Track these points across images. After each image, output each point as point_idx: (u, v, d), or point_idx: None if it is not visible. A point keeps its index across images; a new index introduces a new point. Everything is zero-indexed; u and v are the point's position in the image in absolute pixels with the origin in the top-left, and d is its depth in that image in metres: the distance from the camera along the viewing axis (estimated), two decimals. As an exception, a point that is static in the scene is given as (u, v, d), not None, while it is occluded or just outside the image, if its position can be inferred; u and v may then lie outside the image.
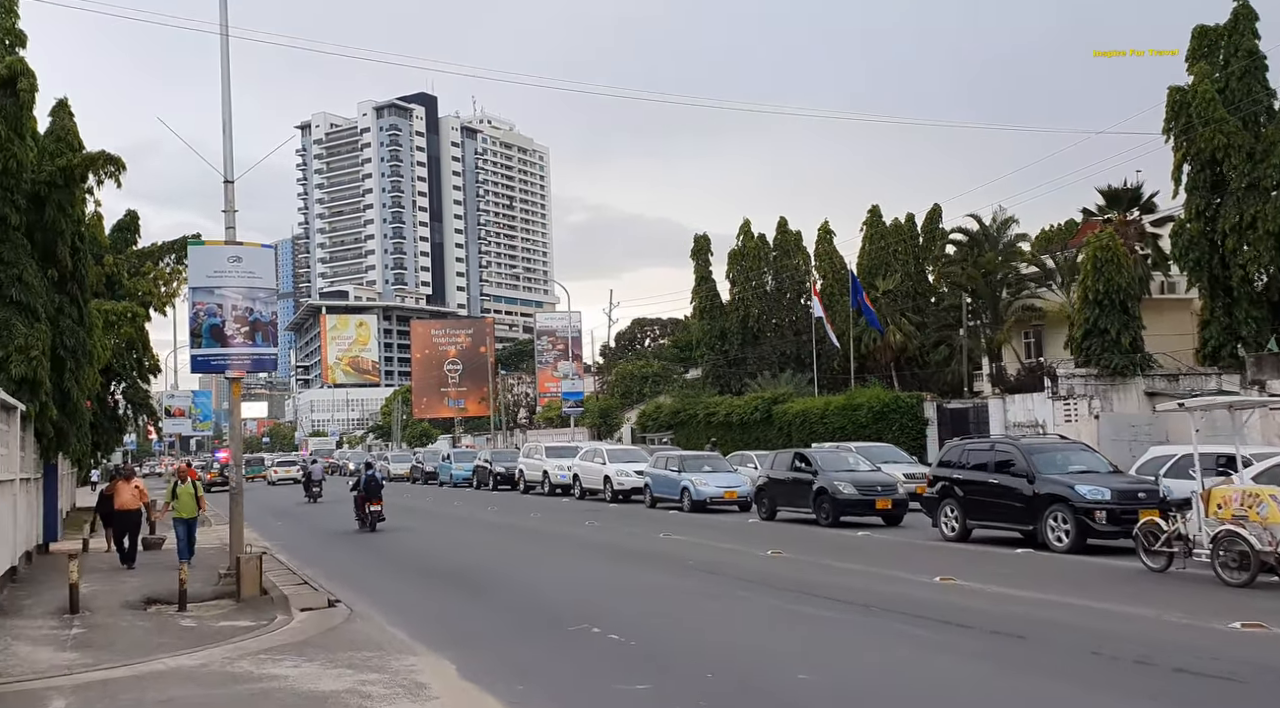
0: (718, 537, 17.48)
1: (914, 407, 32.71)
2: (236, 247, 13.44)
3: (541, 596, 12.14)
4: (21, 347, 14.50)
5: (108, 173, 15.46)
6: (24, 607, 11.84)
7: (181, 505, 15.47)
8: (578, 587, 12.73)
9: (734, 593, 11.54)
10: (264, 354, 13.59)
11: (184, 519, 15.38)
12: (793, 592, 11.37)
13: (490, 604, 11.71)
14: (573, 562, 15.32)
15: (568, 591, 12.43)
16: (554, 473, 31.76)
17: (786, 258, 56.50)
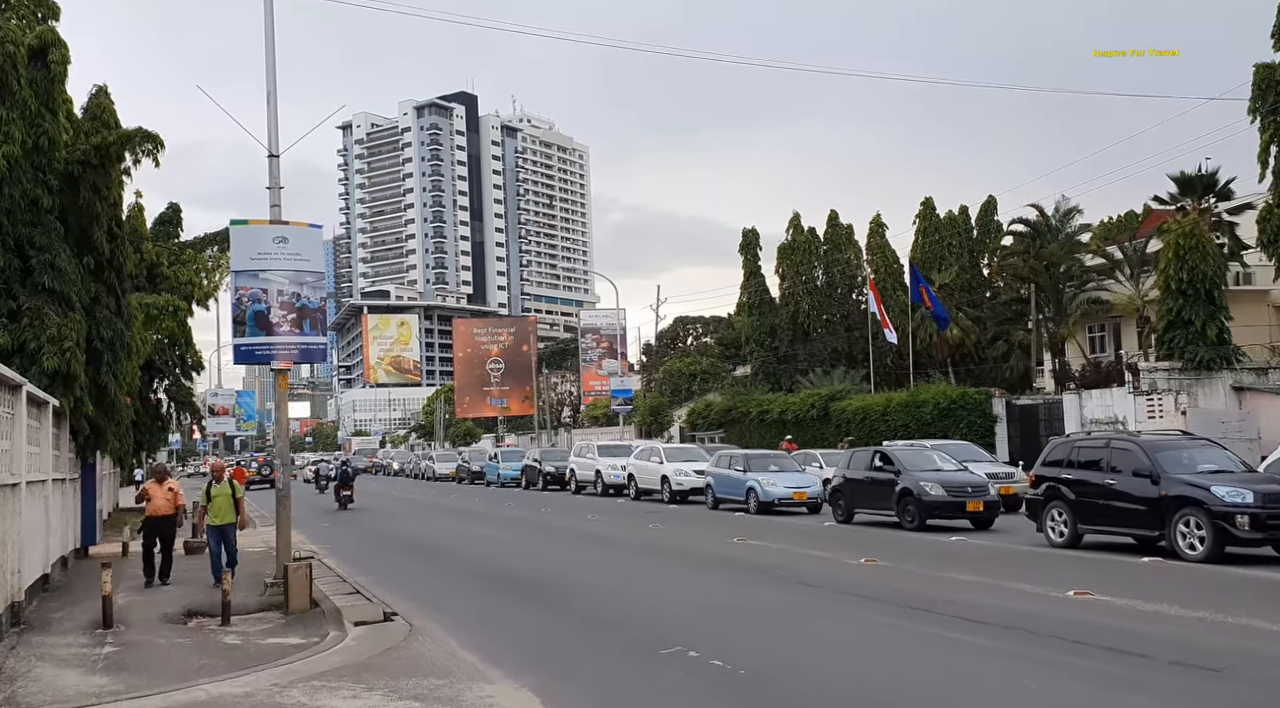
0: (797, 541, 16.11)
1: (982, 403, 31.03)
2: (282, 226, 12.33)
3: (621, 609, 10.86)
4: (54, 337, 13.54)
5: (145, 151, 14.46)
6: (53, 621, 10.79)
7: (215, 510, 13.32)
8: (660, 599, 11.43)
9: (841, 609, 10.18)
10: (312, 344, 12.47)
11: (217, 526, 13.26)
12: (908, 608, 9.98)
13: (567, 620, 10.46)
14: (646, 570, 14.03)
15: (650, 604, 11.14)
16: (607, 473, 30.53)
17: (838, 252, 54.83)
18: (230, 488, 13.36)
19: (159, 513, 13.46)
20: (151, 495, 13.54)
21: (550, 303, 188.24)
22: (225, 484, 13.38)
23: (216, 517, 13.23)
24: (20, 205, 13.67)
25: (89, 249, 15.21)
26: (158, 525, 13.50)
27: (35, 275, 13.86)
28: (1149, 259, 37.95)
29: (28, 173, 13.72)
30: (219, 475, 13.49)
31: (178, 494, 13.73)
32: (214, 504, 13.26)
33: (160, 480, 13.75)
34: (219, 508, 13.24)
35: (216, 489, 13.34)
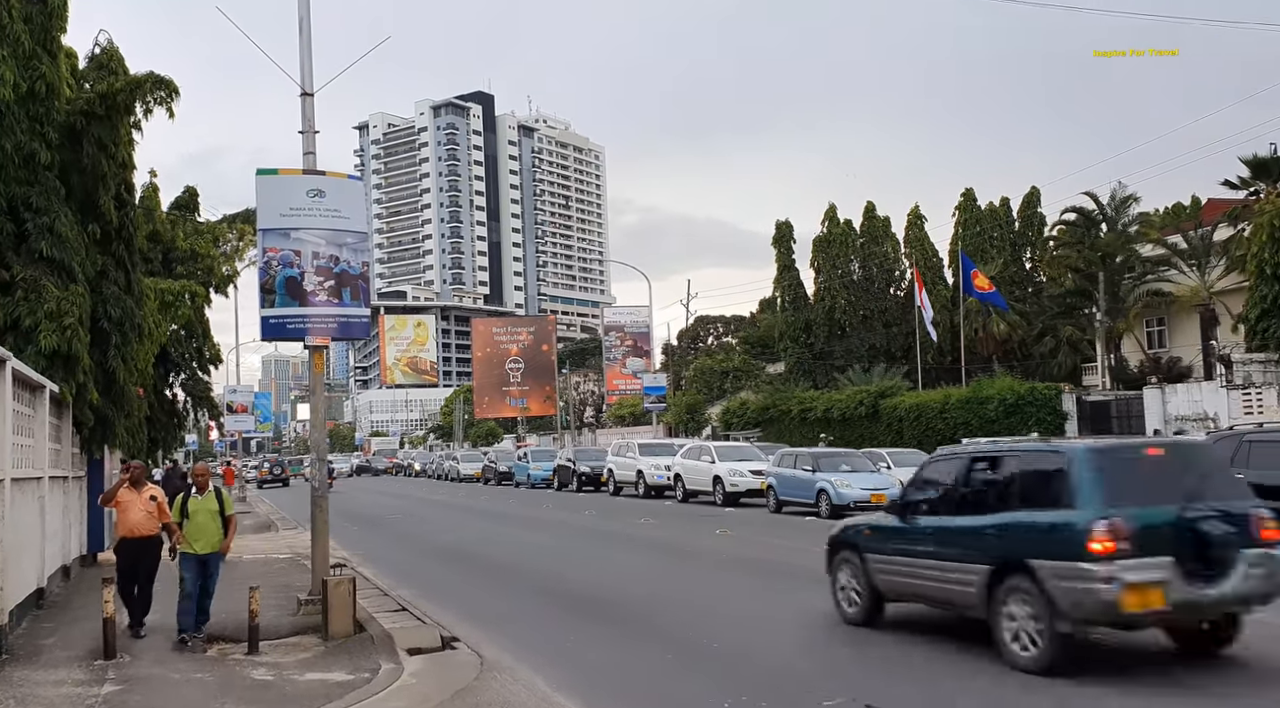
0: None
1: (1052, 399, 28.89)
2: (317, 177, 10.43)
3: (729, 640, 8.90)
4: (53, 313, 11.68)
5: (158, 99, 12.58)
6: (44, 649, 8.88)
7: (194, 531, 9.23)
8: (772, 626, 9.47)
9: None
10: (353, 316, 10.55)
11: (195, 556, 9.20)
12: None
13: (667, 652, 8.50)
14: (735, 586, 12.07)
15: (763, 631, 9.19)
16: (650, 473, 28.54)
17: (875, 245, 52.77)
18: (217, 502, 9.43)
19: (137, 533, 9.46)
20: (125, 507, 9.52)
21: (566, 303, 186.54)
22: (210, 496, 9.41)
23: (196, 541, 9.20)
24: (13, 160, 11.84)
25: (94, 216, 13.35)
26: (136, 552, 9.54)
27: (31, 241, 12.01)
28: (1215, 248, 35.86)
29: (22, 123, 11.88)
30: (201, 484, 9.46)
31: (163, 506, 9.60)
32: (192, 524, 9.23)
33: (137, 485, 9.66)
34: (200, 529, 9.24)
35: (196, 503, 9.31)
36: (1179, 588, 6.70)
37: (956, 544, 7.84)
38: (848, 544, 9.32)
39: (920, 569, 8.22)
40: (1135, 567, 6.66)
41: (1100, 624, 7.15)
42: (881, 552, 8.75)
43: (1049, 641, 6.93)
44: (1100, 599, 6.66)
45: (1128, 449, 7.98)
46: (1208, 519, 6.87)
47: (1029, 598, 7.08)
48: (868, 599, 8.92)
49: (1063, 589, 6.82)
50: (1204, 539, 6.81)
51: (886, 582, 8.71)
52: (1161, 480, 7.24)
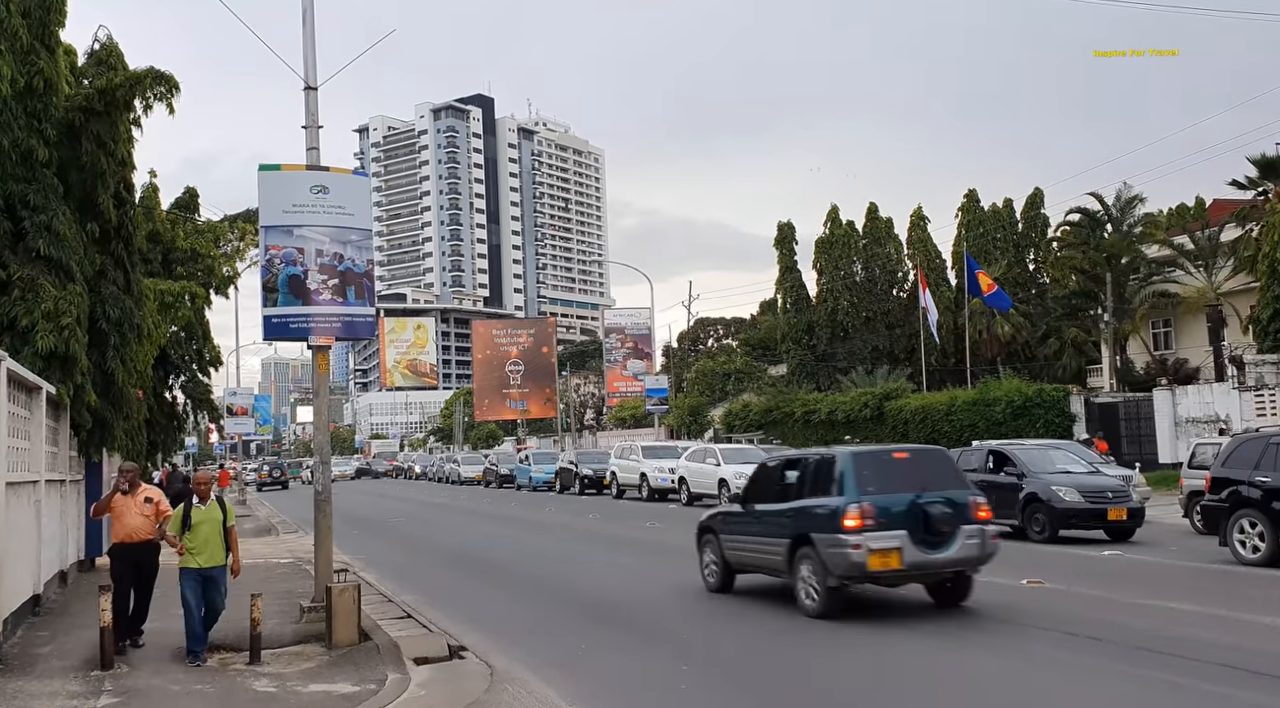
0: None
1: (1060, 401, 28.61)
2: (321, 172, 10.17)
3: (745, 645, 8.65)
4: (50, 313, 11.42)
5: (158, 95, 12.32)
6: (39, 658, 8.60)
7: (197, 544, 8.44)
8: (795, 628, 9.21)
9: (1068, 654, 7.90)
10: (357, 315, 10.29)
11: (199, 570, 8.42)
12: (1137, 648, 7.73)
13: (680, 659, 8.24)
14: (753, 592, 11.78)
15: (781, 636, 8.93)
16: (654, 476, 28.26)
17: (877, 246, 52.50)
18: (220, 512, 8.63)
19: (135, 538, 8.81)
20: (119, 512, 8.84)
21: (566, 306, 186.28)
22: (213, 506, 8.61)
23: (199, 555, 8.41)
24: (10, 157, 11.59)
25: (93, 214, 13.09)
26: (133, 559, 8.86)
27: (28, 240, 11.75)
28: (1222, 248, 35.62)
29: (19, 119, 11.63)
30: (203, 493, 8.62)
31: (160, 507, 8.93)
32: (195, 536, 8.43)
33: (131, 487, 8.93)
34: (203, 541, 8.45)
35: (200, 513, 8.50)
36: (912, 553, 9.14)
37: (773, 524, 10.32)
38: (709, 529, 11.56)
39: (752, 545, 10.69)
40: (878, 537, 9.06)
41: (856, 580, 9.46)
42: (730, 533, 11.13)
43: (823, 593, 9.40)
44: (853, 561, 9.08)
45: (879, 453, 10.34)
46: (935, 504, 9.28)
47: (811, 562, 9.53)
48: (722, 573, 11.31)
49: (830, 554, 9.27)
50: (931, 518, 9.21)
51: (734, 556, 11.08)
52: (903, 476, 9.70)
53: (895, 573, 9.25)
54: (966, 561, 9.42)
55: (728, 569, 11.21)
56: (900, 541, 9.08)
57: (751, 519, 10.72)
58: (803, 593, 9.63)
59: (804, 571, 9.59)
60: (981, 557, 9.52)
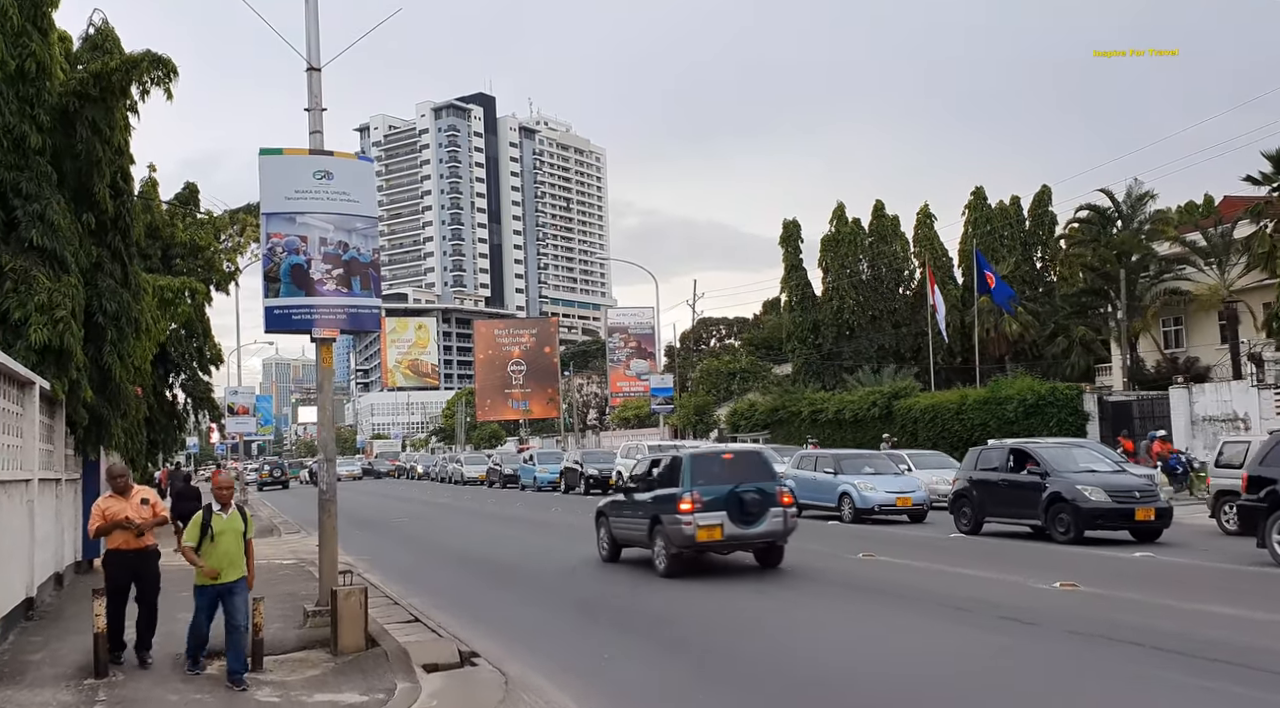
0: (937, 558, 13.35)
1: (1073, 399, 28.16)
2: (325, 157, 9.75)
3: (783, 658, 8.22)
4: (44, 305, 11.01)
5: (155, 80, 11.90)
6: (29, 665, 8.18)
7: (215, 557, 7.55)
8: (829, 646, 8.78)
9: (1114, 664, 7.46)
10: (362, 307, 9.86)
11: (213, 586, 7.59)
12: (1190, 656, 7.30)
13: (705, 671, 7.82)
14: (776, 599, 11.36)
15: (812, 651, 8.51)
16: (661, 476, 27.80)
17: (883, 244, 52.10)
18: (242, 521, 7.78)
19: (132, 545, 8.03)
20: (114, 518, 8.02)
21: (567, 306, 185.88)
22: (235, 516, 7.73)
23: (223, 566, 7.58)
24: (2, 143, 11.18)
25: (89, 204, 12.68)
26: (130, 567, 8.05)
27: (21, 230, 11.34)
28: (1234, 245, 35.18)
29: (10, 104, 11.22)
30: (225, 499, 7.73)
31: (157, 509, 8.22)
32: (217, 548, 7.54)
33: (123, 490, 8.16)
34: (225, 554, 7.57)
35: (221, 522, 7.61)
36: (730, 528, 12.35)
37: (641, 508, 13.40)
38: (603, 513, 14.77)
39: (628, 524, 13.82)
40: (705, 517, 12.26)
41: (691, 549, 12.53)
42: (616, 515, 14.24)
43: (668, 558, 12.65)
44: (686, 534, 12.28)
45: (712, 454, 13.91)
46: (748, 492, 12.47)
47: (662, 536, 12.72)
48: (611, 546, 14.46)
49: (671, 530, 12.46)
50: (745, 503, 12.40)
51: (620, 534, 14.19)
52: (727, 472, 12.87)
53: (719, 543, 12.51)
54: (773, 534, 12.66)
55: (615, 544, 14.38)
56: (721, 519, 12.30)
57: (628, 505, 13.89)
58: (657, 560, 12.92)
59: (658, 543, 12.85)
60: (784, 531, 12.77)
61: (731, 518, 12.21)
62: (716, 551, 12.73)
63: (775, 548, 12.91)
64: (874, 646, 8.33)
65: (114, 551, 8.14)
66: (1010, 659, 7.56)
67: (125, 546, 8.06)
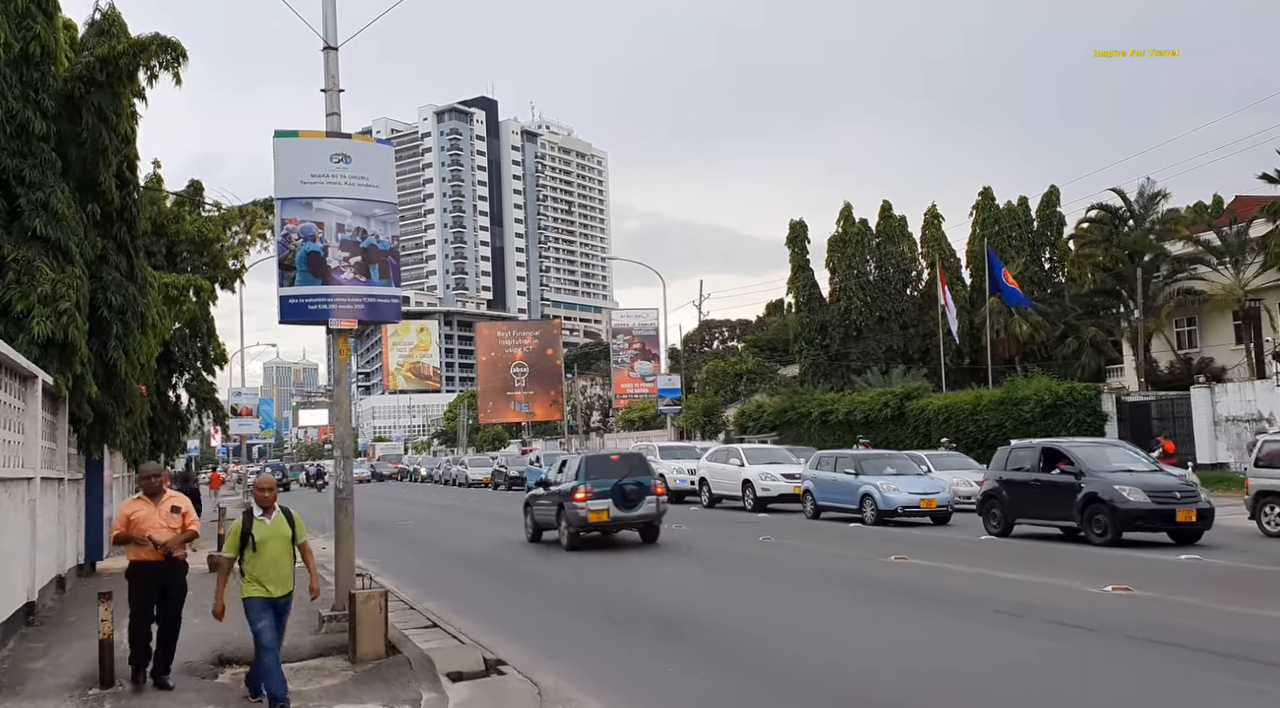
0: (973, 560, 12.86)
1: (1091, 400, 27.68)
2: (342, 140, 9.31)
3: (818, 666, 7.77)
4: (47, 296, 10.57)
5: (163, 64, 11.46)
6: (30, 674, 7.72)
7: (261, 567, 6.65)
8: (871, 654, 8.33)
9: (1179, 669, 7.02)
10: (381, 296, 9.42)
11: (264, 599, 6.66)
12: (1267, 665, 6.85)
13: (743, 679, 7.36)
14: (807, 602, 10.90)
15: (860, 658, 8.06)
16: (672, 477, 27.35)
17: (891, 245, 51.59)
18: (289, 526, 6.88)
19: (156, 558, 7.18)
20: (139, 523, 7.16)
21: (569, 308, 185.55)
22: (280, 520, 6.84)
23: (263, 580, 6.65)
24: (4, 129, 10.76)
25: (94, 195, 12.25)
26: (156, 581, 7.21)
27: (24, 219, 10.91)
28: (1250, 244, 34.74)
29: (14, 88, 10.80)
30: (267, 502, 6.83)
31: (188, 520, 7.37)
32: (262, 558, 6.65)
33: (154, 492, 7.32)
34: (272, 564, 6.68)
35: (264, 528, 6.72)
36: (615, 512, 15.68)
37: (552, 497, 16.88)
38: (528, 503, 18.25)
39: (545, 511, 17.25)
40: (595, 504, 15.64)
41: (585, 529, 15.92)
42: (536, 505, 17.74)
43: (569, 536, 16.05)
44: (580, 516, 15.70)
45: (600, 455, 17.87)
46: (629, 484, 15.81)
47: (565, 518, 16.09)
48: (533, 529, 17.86)
49: (570, 514, 15.92)
50: (626, 492, 15.74)
51: (539, 519, 17.56)
52: (613, 469, 16.23)
53: (606, 523, 15.89)
54: (649, 516, 16.16)
55: (537, 528, 17.73)
56: (607, 505, 15.74)
57: (545, 496, 17.27)
58: (562, 538, 16.47)
59: (561, 524, 16.40)
60: (657, 514, 16.33)
61: (616, 504, 15.70)
62: (605, 530, 16.12)
63: (652, 527, 16.38)
64: (931, 655, 7.87)
65: (138, 563, 7.25)
66: (1078, 668, 7.10)
67: (151, 557, 7.21)
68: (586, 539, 16.13)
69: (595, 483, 15.71)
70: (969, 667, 7.31)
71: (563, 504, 15.98)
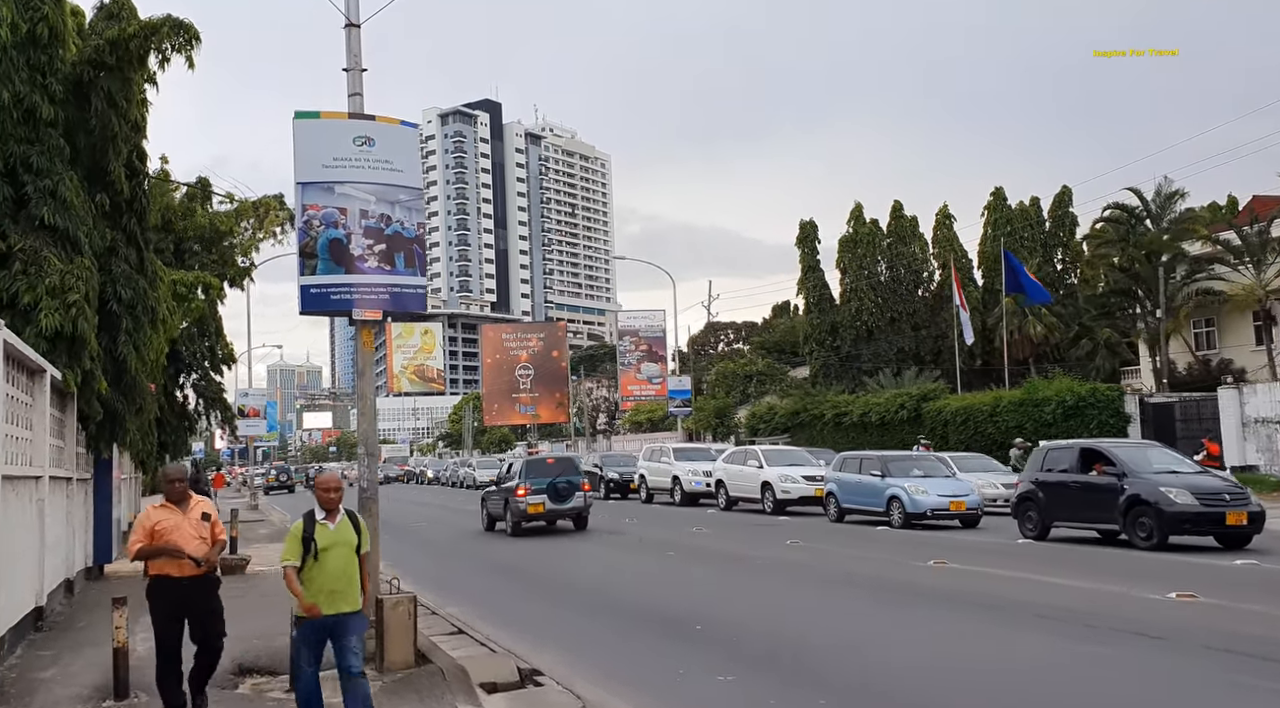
0: (1018, 565, 12.37)
1: (1114, 401, 27.14)
2: (366, 122, 8.85)
3: (873, 676, 7.30)
4: (55, 288, 10.13)
5: (176, 47, 11.02)
6: (40, 685, 7.26)
7: (321, 579, 5.62)
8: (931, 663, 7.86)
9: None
10: (407, 286, 8.95)
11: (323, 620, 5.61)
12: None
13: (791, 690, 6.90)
14: (841, 607, 10.44)
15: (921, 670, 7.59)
16: (687, 479, 26.89)
17: (902, 245, 51.07)
18: (354, 531, 5.83)
19: (186, 572, 6.16)
20: (165, 535, 6.15)
21: (573, 311, 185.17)
22: (344, 525, 5.79)
23: (324, 594, 5.62)
24: (11, 114, 10.33)
25: (102, 184, 11.82)
26: (182, 599, 6.16)
27: (31, 207, 10.47)
28: (1271, 244, 34.25)
29: (21, 71, 10.37)
30: (332, 503, 5.78)
31: (218, 529, 6.42)
32: (322, 569, 5.61)
33: (179, 498, 6.34)
34: (336, 575, 5.65)
35: (327, 534, 5.68)
36: (549, 505, 19.27)
37: (501, 493, 20.41)
38: (484, 499, 21.74)
39: (495, 504, 20.68)
40: (532, 498, 19.20)
41: (525, 519, 19.37)
42: (489, 499, 21.34)
43: (513, 524, 19.62)
44: (521, 509, 19.31)
45: (538, 458, 22.52)
46: (561, 483, 19.34)
47: (510, 510, 19.64)
48: (488, 520, 21.30)
49: (514, 506, 19.47)
50: (559, 489, 19.24)
51: (492, 512, 21.01)
52: (549, 470, 19.83)
53: (543, 514, 19.32)
54: (578, 509, 19.69)
55: (491, 519, 21.15)
56: (543, 499, 19.16)
57: (496, 492, 20.76)
58: (507, 527, 19.82)
59: (508, 516, 19.64)
60: (585, 507, 19.85)
61: (550, 499, 19.20)
62: (542, 520, 19.46)
63: (581, 517, 19.95)
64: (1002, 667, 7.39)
65: (161, 578, 6.15)
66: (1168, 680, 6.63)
67: (177, 572, 6.15)
68: (528, 528, 19.53)
69: (533, 482, 19.21)
70: (1052, 680, 6.84)
71: (508, 499, 19.60)
